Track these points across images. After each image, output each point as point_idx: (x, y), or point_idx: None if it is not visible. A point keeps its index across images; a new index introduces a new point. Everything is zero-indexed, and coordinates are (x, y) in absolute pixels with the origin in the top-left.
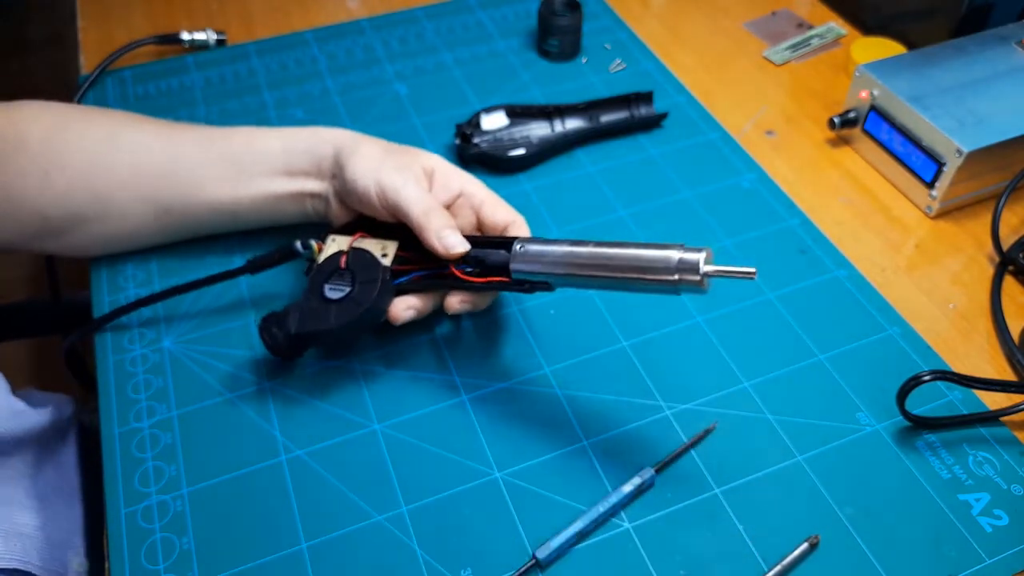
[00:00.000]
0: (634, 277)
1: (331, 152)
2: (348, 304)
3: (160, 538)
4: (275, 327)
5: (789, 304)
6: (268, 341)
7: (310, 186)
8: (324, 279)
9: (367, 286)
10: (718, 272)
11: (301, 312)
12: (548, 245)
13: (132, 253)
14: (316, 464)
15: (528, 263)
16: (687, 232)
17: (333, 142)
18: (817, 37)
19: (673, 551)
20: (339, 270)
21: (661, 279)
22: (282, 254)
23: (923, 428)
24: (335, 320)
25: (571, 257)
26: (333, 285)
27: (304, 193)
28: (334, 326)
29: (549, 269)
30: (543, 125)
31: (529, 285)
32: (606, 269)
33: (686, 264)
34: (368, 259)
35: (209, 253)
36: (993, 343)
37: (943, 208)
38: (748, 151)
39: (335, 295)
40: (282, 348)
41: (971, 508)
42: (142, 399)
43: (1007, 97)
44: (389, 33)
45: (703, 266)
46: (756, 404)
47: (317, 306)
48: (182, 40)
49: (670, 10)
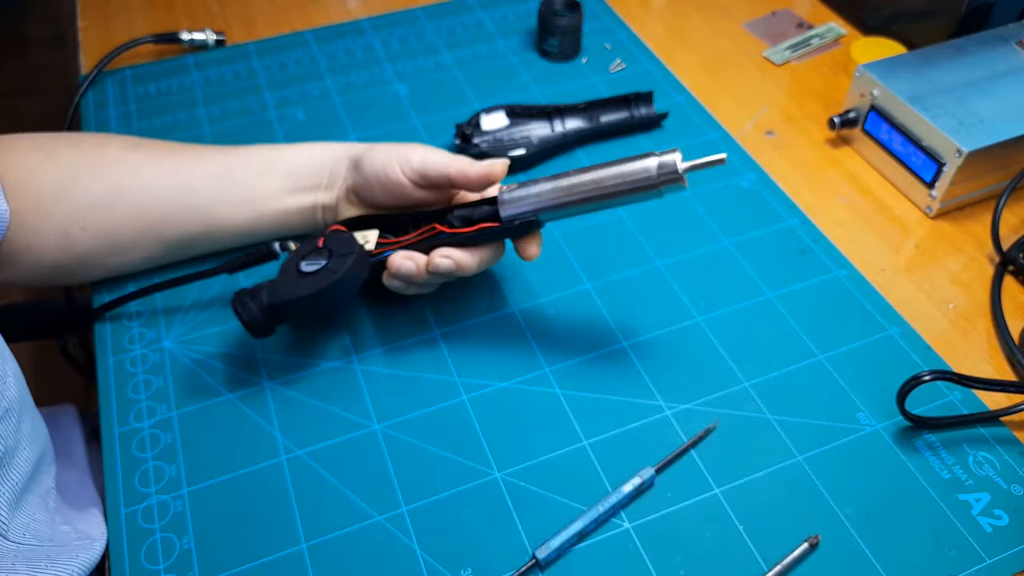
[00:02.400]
0: (622, 191)
1: (332, 160)
2: (323, 274)
3: (160, 538)
4: (249, 300)
5: (789, 304)
6: (242, 314)
7: (320, 198)
8: (300, 258)
9: (342, 258)
10: (693, 166)
11: (274, 285)
12: (532, 186)
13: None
14: (316, 464)
15: (517, 207)
16: (687, 232)
17: (341, 147)
18: (817, 37)
19: (673, 551)
20: (316, 249)
21: (646, 186)
22: (259, 255)
23: (923, 428)
24: (310, 287)
25: (558, 190)
26: (309, 261)
27: (316, 206)
28: (308, 292)
29: (538, 206)
30: (543, 125)
31: (518, 224)
32: (593, 191)
33: (665, 167)
34: (345, 237)
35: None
36: (993, 343)
37: (943, 208)
38: (748, 151)
39: (310, 268)
40: (257, 321)
41: (971, 508)
42: (142, 399)
43: (1007, 97)
44: (389, 33)
45: (680, 164)
46: (756, 404)
47: (292, 279)
48: (181, 40)
49: (670, 10)
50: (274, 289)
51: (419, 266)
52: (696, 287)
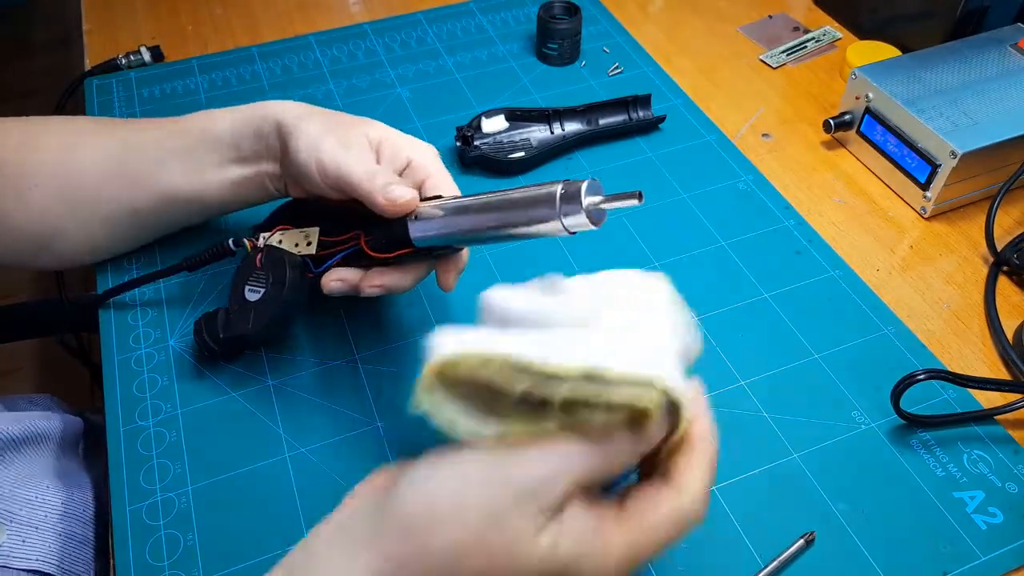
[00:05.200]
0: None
1: (270, 129)
2: (264, 305)
3: (165, 535)
4: (206, 332)
5: (785, 304)
6: (201, 346)
7: (265, 168)
8: (244, 280)
9: (277, 286)
10: (603, 202)
11: (227, 315)
12: (439, 210)
13: (135, 251)
14: (320, 461)
15: (425, 227)
16: (684, 232)
17: (276, 119)
18: (813, 40)
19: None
20: (255, 270)
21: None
22: (215, 253)
23: (918, 426)
24: (253, 325)
25: (461, 209)
26: (251, 286)
27: (262, 174)
28: (253, 331)
29: (445, 229)
30: (542, 128)
31: (435, 251)
32: (496, 213)
33: (569, 194)
34: (278, 258)
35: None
36: (987, 342)
37: (937, 209)
38: (744, 153)
39: (254, 296)
40: (215, 353)
41: (966, 506)
42: (147, 397)
43: (1001, 99)
44: (391, 37)
45: (585, 196)
46: (752, 402)
47: (240, 308)
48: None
49: (668, 14)
50: (225, 321)
51: (352, 286)
52: (693, 287)
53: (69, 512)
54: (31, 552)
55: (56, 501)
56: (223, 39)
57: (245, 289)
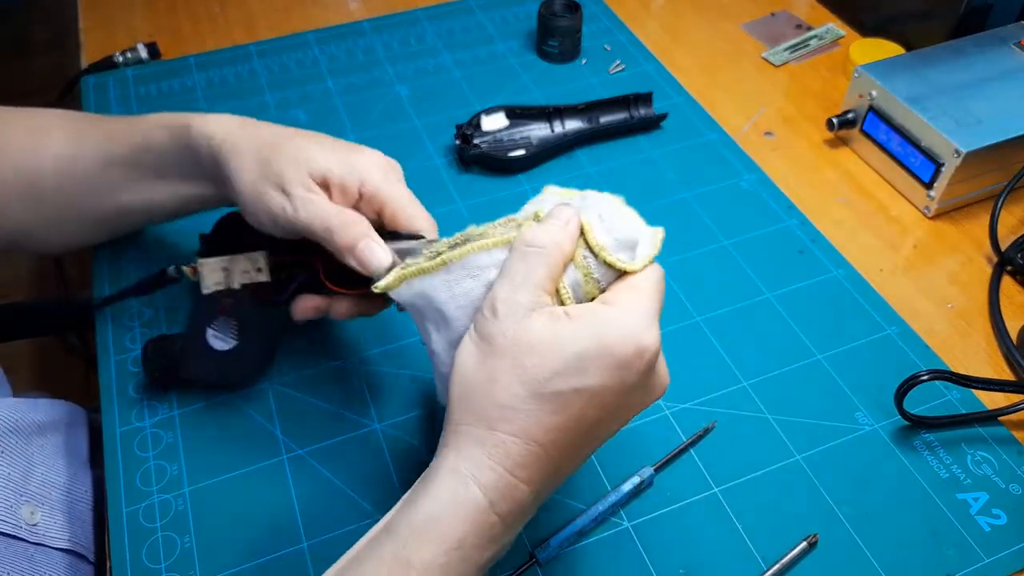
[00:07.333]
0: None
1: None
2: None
3: (161, 537)
4: (153, 361)
5: (788, 304)
6: (150, 373)
7: (209, 190)
8: (205, 322)
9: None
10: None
11: (189, 355)
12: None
13: (134, 251)
14: (317, 463)
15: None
16: (686, 232)
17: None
18: (816, 38)
19: (672, 550)
20: (221, 319)
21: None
22: (155, 281)
23: (921, 427)
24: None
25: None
26: (216, 332)
27: (205, 195)
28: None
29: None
30: (543, 126)
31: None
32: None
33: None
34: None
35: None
36: (991, 343)
37: (941, 208)
38: (747, 152)
39: (221, 344)
40: (162, 383)
41: (969, 507)
42: (143, 398)
43: (1005, 98)
44: (390, 34)
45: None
46: (755, 403)
47: (202, 353)
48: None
49: (669, 12)
50: (184, 362)
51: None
52: (695, 287)
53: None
54: (64, 533)
55: (82, 488)
56: (220, 36)
57: (208, 334)
